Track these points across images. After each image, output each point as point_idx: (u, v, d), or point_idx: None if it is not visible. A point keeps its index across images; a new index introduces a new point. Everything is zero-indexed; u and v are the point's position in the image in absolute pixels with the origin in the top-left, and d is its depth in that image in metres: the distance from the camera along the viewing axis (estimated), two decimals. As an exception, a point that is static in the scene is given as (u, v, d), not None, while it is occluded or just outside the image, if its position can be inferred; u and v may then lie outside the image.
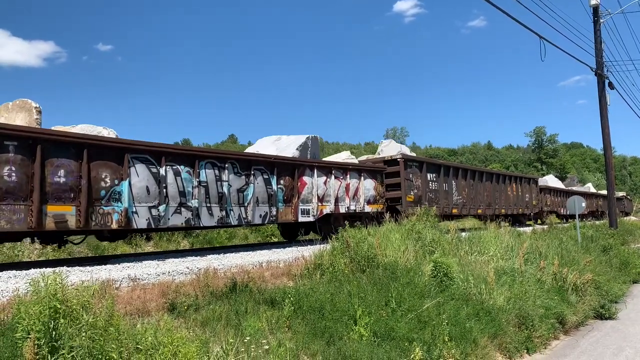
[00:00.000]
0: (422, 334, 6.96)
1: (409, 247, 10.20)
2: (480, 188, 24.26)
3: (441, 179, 20.78)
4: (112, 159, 10.35)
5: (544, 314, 9.22)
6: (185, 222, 11.54)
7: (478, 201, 23.92)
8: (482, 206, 24.28)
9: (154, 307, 6.48)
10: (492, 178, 25.85)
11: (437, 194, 20.42)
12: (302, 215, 14.70)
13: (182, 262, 10.09)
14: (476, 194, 23.77)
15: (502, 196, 26.84)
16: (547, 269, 11.36)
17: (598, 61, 23.58)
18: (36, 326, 4.21)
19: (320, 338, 6.42)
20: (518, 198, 29.11)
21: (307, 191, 14.99)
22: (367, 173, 17.36)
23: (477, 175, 24.33)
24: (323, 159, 18.04)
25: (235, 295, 7.19)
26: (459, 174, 22.45)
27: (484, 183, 24.68)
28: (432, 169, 20.50)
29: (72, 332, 4.38)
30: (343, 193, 16.30)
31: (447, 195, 21.12)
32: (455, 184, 21.90)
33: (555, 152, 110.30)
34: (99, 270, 8.54)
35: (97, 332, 4.54)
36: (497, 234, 13.24)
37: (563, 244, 15.56)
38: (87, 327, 4.51)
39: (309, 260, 9.59)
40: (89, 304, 4.86)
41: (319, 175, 15.43)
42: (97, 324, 4.61)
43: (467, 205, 22.73)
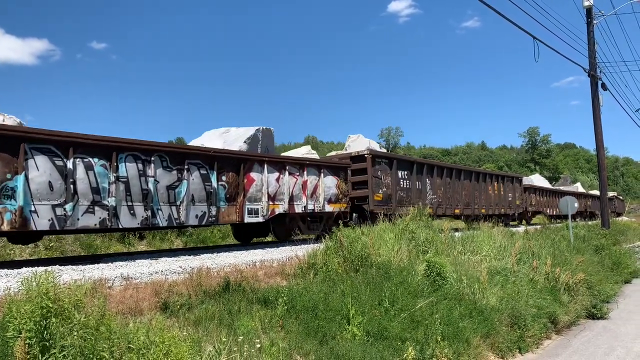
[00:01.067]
0: (415, 334, 6.98)
1: (402, 246, 10.21)
2: (458, 187, 23.11)
3: (414, 177, 19.71)
4: (4, 150, 8.97)
5: (536, 314, 9.26)
6: (100, 223, 10.19)
7: (455, 200, 22.78)
8: (459, 206, 23.08)
9: (146, 306, 6.46)
10: (471, 176, 24.63)
11: (409, 193, 19.34)
12: (249, 216, 13.25)
13: (175, 261, 10.06)
14: (453, 193, 22.63)
15: (482, 195, 25.53)
16: (539, 269, 11.42)
17: (591, 62, 23.71)
18: (27, 325, 4.18)
19: (313, 337, 6.41)
20: (500, 197, 27.75)
21: (256, 189, 13.48)
22: (328, 170, 15.95)
23: (454, 173, 23.14)
24: (277, 154, 16.20)
25: (228, 295, 7.18)
26: (434, 172, 21.29)
27: (462, 181, 23.49)
28: (403, 166, 19.34)
29: (64, 331, 4.35)
30: (299, 191, 14.87)
31: (420, 194, 19.95)
32: (429, 183, 20.78)
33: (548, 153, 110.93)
34: (92, 269, 8.50)
35: (89, 332, 4.51)
36: (490, 234, 13.28)
37: (555, 244, 15.64)
38: (79, 327, 4.49)
39: (302, 260, 9.58)
40: (81, 303, 4.83)
41: (270, 172, 13.95)
42: (88, 323, 4.58)
43: (442, 204, 21.60)
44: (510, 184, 29.46)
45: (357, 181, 17.28)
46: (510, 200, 29.01)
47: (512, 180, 30.26)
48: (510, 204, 29.00)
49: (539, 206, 34.98)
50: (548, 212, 36.48)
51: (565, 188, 51.97)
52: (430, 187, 20.82)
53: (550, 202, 37.49)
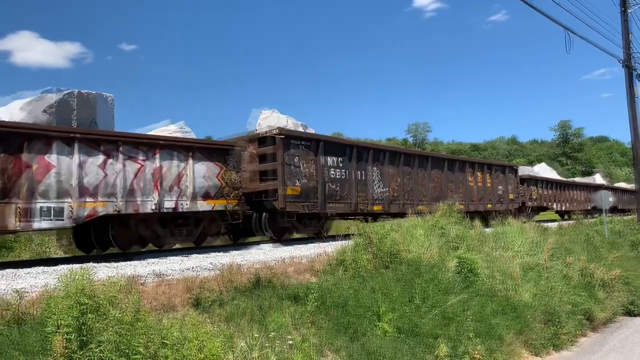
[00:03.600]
0: (446, 330, 6.91)
1: (432, 242, 10.12)
2: (423, 178, 19.03)
3: (352, 165, 15.67)
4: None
5: (571, 310, 9.09)
6: None
7: (419, 195, 18.68)
8: (425, 201, 18.89)
9: (179, 302, 6.54)
10: (442, 165, 20.45)
11: (343, 185, 15.31)
12: (42, 219, 9.32)
13: (205, 258, 10.17)
14: (416, 186, 18.49)
15: (460, 188, 21.31)
16: (573, 265, 11.18)
17: (626, 53, 23.05)
18: (66, 321, 4.28)
19: (343, 334, 6.41)
20: (486, 190, 23.13)
21: (56, 179, 9.40)
22: (202, 153, 11.75)
23: (415, 161, 18.79)
24: (106, 130, 10.88)
25: (258, 291, 7.22)
26: (385, 159, 17.12)
27: (429, 171, 19.41)
28: (334, 151, 15.23)
29: (100, 327, 4.44)
30: (147, 183, 10.79)
31: (363, 186, 15.99)
32: (377, 172, 16.67)
33: (581, 147, 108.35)
34: (125, 266, 8.65)
35: (125, 327, 4.60)
36: (522, 229, 13.06)
37: (590, 239, 15.29)
38: (115, 322, 4.58)
39: (331, 256, 9.57)
40: (115, 300, 4.92)
41: (86, 154, 9.86)
42: (124, 319, 4.67)
43: (398, 199, 17.56)
44: (500, 174, 24.65)
45: (265, 170, 13.55)
46: (500, 194, 24.41)
47: (502, 169, 25.22)
48: (500, 198, 24.35)
49: (542, 200, 29.46)
50: (555, 207, 31.57)
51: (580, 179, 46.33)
52: (380, 178, 16.78)
53: (558, 196, 31.98)
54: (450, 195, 20.47)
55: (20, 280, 7.19)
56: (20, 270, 8.06)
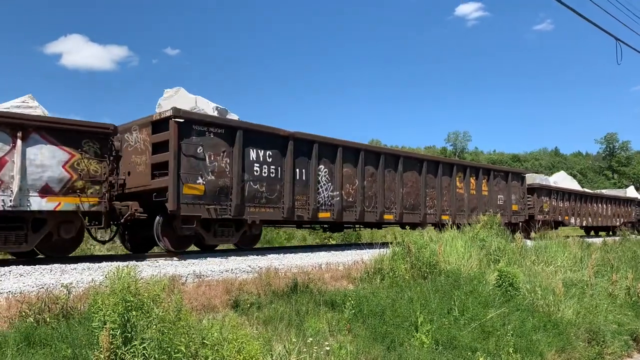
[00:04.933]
0: (485, 344, 6.77)
1: (472, 254, 9.97)
2: (391, 181, 15.83)
3: (287, 162, 12.68)
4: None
5: (616, 330, 8.76)
6: None
7: (386, 201, 15.61)
8: (394, 209, 15.87)
9: (218, 303, 6.65)
10: (419, 166, 17.03)
11: (272, 185, 12.38)
12: None
13: (244, 260, 10.31)
14: (380, 190, 15.36)
15: (445, 196, 18.00)
16: (619, 283, 10.79)
17: (679, 64, 22.21)
18: (111, 317, 4.41)
19: (380, 343, 6.37)
20: (481, 200, 19.77)
21: None
22: (42, 134, 9.21)
23: (382, 160, 15.47)
24: None
25: (296, 296, 7.27)
26: (338, 157, 14.06)
27: (400, 173, 16.08)
28: (260, 143, 12.19)
29: (144, 324, 4.55)
30: None
31: (303, 188, 13.09)
32: (326, 172, 13.78)
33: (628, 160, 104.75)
34: (166, 266, 8.86)
35: (167, 326, 4.69)
36: (565, 243, 12.71)
37: (637, 257, 14.75)
38: (158, 321, 4.68)
39: (368, 264, 9.55)
40: (158, 298, 5.04)
41: None
42: (166, 318, 4.77)
43: (354, 206, 14.54)
44: (501, 181, 21.15)
45: (159, 162, 10.80)
46: (501, 204, 20.84)
47: (504, 176, 21.53)
48: (500, 210, 20.51)
49: (556, 214, 25.43)
50: (574, 222, 27.71)
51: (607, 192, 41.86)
52: (329, 179, 13.85)
53: (578, 209, 28.29)
54: (431, 203, 17.26)
55: (67, 275, 7.46)
56: (67, 266, 8.34)
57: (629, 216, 35.57)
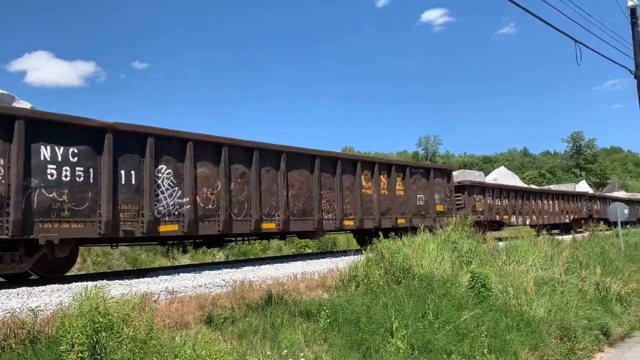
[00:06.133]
0: (460, 346, 6.84)
1: (445, 257, 10.07)
2: (271, 182, 13.14)
3: (104, 161, 9.96)
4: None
5: (587, 326, 8.96)
6: None
7: (265, 207, 12.86)
8: (277, 215, 13.14)
9: (191, 319, 6.56)
10: (310, 164, 14.32)
11: (80, 193, 9.57)
12: None
13: (217, 274, 10.20)
14: (257, 193, 12.62)
15: (348, 197, 15.32)
16: (588, 279, 11.05)
17: (637, 63, 22.93)
18: (80, 339, 4.32)
19: (356, 351, 6.37)
20: (396, 200, 16.94)
21: None
22: None
23: (258, 157, 12.77)
24: None
25: (270, 308, 7.22)
26: (188, 153, 11.24)
27: (283, 172, 13.38)
28: (60, 138, 9.49)
29: (114, 345, 4.47)
30: None
31: (132, 195, 10.33)
32: (169, 173, 10.94)
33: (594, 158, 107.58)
34: (138, 284, 8.71)
35: (138, 345, 4.62)
36: (535, 242, 12.95)
37: (605, 252, 15.13)
38: (128, 340, 4.61)
39: (343, 272, 9.56)
40: (129, 317, 4.96)
41: None
42: (137, 337, 4.70)
43: (217, 215, 11.72)
44: (421, 178, 18.29)
45: None
46: (422, 205, 18.11)
47: (425, 173, 18.66)
48: (422, 211, 18.04)
49: (493, 213, 22.79)
50: (515, 221, 25.24)
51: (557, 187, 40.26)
52: (174, 183, 11.01)
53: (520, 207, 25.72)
54: (328, 206, 14.58)
55: (35, 298, 7.27)
56: (34, 289, 8.13)
57: (579, 212, 32.91)
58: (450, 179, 20.23)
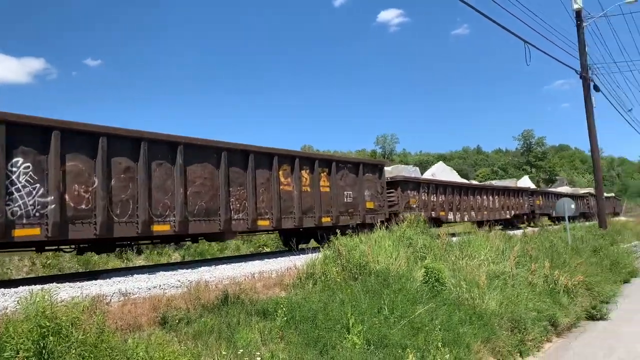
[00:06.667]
0: (415, 340, 6.96)
1: (400, 253, 10.22)
2: (167, 178, 11.49)
3: None
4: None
5: (536, 317, 9.26)
6: None
7: (158, 206, 11.27)
8: (172, 216, 11.45)
9: (145, 321, 6.44)
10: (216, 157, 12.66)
11: None
12: None
13: (173, 275, 10.04)
14: (146, 191, 11.04)
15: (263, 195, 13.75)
16: (538, 272, 11.42)
17: (582, 64, 23.88)
18: (25, 345, 4.17)
19: (313, 348, 6.39)
20: (319, 197, 15.45)
21: None
22: None
23: (146, 149, 11.17)
24: None
25: (227, 308, 7.16)
26: (54, 144, 9.68)
27: (184, 167, 11.77)
28: None
29: (62, 349, 4.34)
30: None
31: None
32: (30, 168, 9.40)
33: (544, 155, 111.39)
34: (90, 286, 8.48)
35: (88, 349, 4.50)
36: (487, 237, 13.30)
37: (554, 246, 15.67)
38: (77, 344, 4.48)
39: (301, 270, 9.58)
40: (78, 321, 4.82)
41: None
42: (87, 341, 4.58)
43: (92, 216, 10.16)
44: (350, 174, 17.00)
45: None
46: (350, 202, 16.72)
47: (354, 168, 17.32)
48: (350, 208, 16.66)
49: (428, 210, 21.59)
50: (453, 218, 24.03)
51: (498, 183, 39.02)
52: (35, 178, 9.46)
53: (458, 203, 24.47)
54: (239, 205, 13.00)
55: (-22, 304, 6.97)
56: (-22, 294, 7.79)
57: (521, 208, 32.22)
58: (382, 174, 19.01)
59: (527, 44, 17.22)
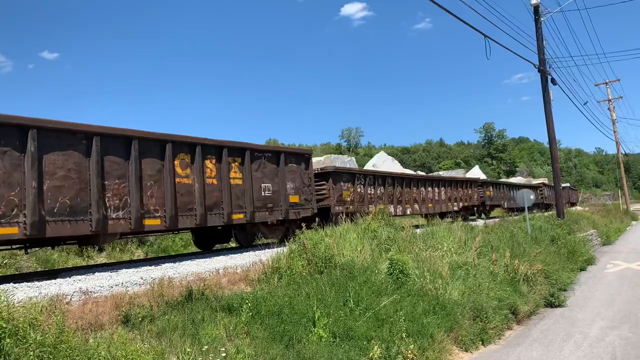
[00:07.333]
0: (380, 332, 7.05)
1: (365, 246, 10.31)
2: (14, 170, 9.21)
3: None
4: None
5: (497, 306, 9.50)
6: None
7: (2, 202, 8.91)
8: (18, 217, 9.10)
9: (107, 320, 6.30)
10: (85, 145, 10.28)
11: None
12: None
13: (136, 272, 9.85)
14: None
15: (152, 188, 11.40)
16: (499, 262, 11.70)
17: (540, 58, 24.46)
18: (-21, 348, 4.04)
19: (279, 342, 6.40)
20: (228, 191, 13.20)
21: None
22: None
23: None
24: None
25: (191, 304, 7.09)
26: None
27: (40, 156, 9.55)
28: None
29: (19, 352, 4.22)
30: None
31: None
32: None
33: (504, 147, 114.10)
34: (49, 285, 8.24)
35: (47, 350, 4.39)
36: (450, 229, 13.54)
37: (514, 236, 16.06)
38: (36, 346, 4.36)
39: (266, 264, 9.54)
40: (36, 322, 4.70)
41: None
42: (46, 342, 4.46)
43: None
44: (268, 164, 14.85)
45: None
46: (268, 196, 14.63)
47: (274, 157, 15.17)
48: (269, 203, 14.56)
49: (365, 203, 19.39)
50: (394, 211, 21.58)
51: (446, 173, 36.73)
52: None
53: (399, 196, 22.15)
54: (117, 201, 10.65)
55: None
56: None
57: (470, 199, 29.98)
58: (309, 165, 16.75)
59: (487, 38, 17.53)
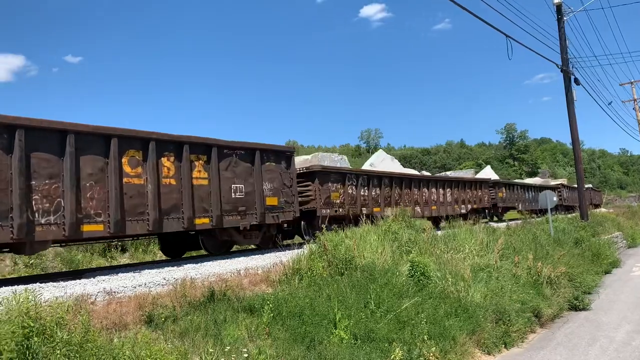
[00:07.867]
0: (401, 334, 7.02)
1: (386, 247, 10.27)
2: None
3: None
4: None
5: (520, 309, 9.38)
6: None
7: None
8: None
9: (130, 320, 6.39)
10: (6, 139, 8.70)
11: None
12: None
13: (158, 273, 9.96)
14: None
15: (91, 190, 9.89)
16: (521, 264, 11.56)
17: (563, 58, 24.12)
18: (9, 346, 4.12)
19: (300, 343, 6.41)
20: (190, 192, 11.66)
21: None
22: None
23: None
24: None
25: (213, 305, 7.14)
26: None
27: None
28: None
29: (47, 350, 4.30)
30: None
31: None
32: None
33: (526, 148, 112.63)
34: (74, 285, 8.38)
35: (73, 349, 4.46)
36: (472, 230, 13.41)
37: (537, 238, 15.86)
38: (62, 344, 4.44)
39: (287, 266, 9.56)
40: (63, 321, 4.78)
41: None
42: (72, 341, 4.54)
43: None
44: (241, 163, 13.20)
45: None
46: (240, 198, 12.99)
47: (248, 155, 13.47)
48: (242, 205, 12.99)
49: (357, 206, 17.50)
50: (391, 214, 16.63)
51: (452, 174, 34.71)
52: None
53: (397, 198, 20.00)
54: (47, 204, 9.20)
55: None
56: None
57: (480, 202, 27.43)
58: (291, 163, 14.95)
59: (509, 38, 17.33)
